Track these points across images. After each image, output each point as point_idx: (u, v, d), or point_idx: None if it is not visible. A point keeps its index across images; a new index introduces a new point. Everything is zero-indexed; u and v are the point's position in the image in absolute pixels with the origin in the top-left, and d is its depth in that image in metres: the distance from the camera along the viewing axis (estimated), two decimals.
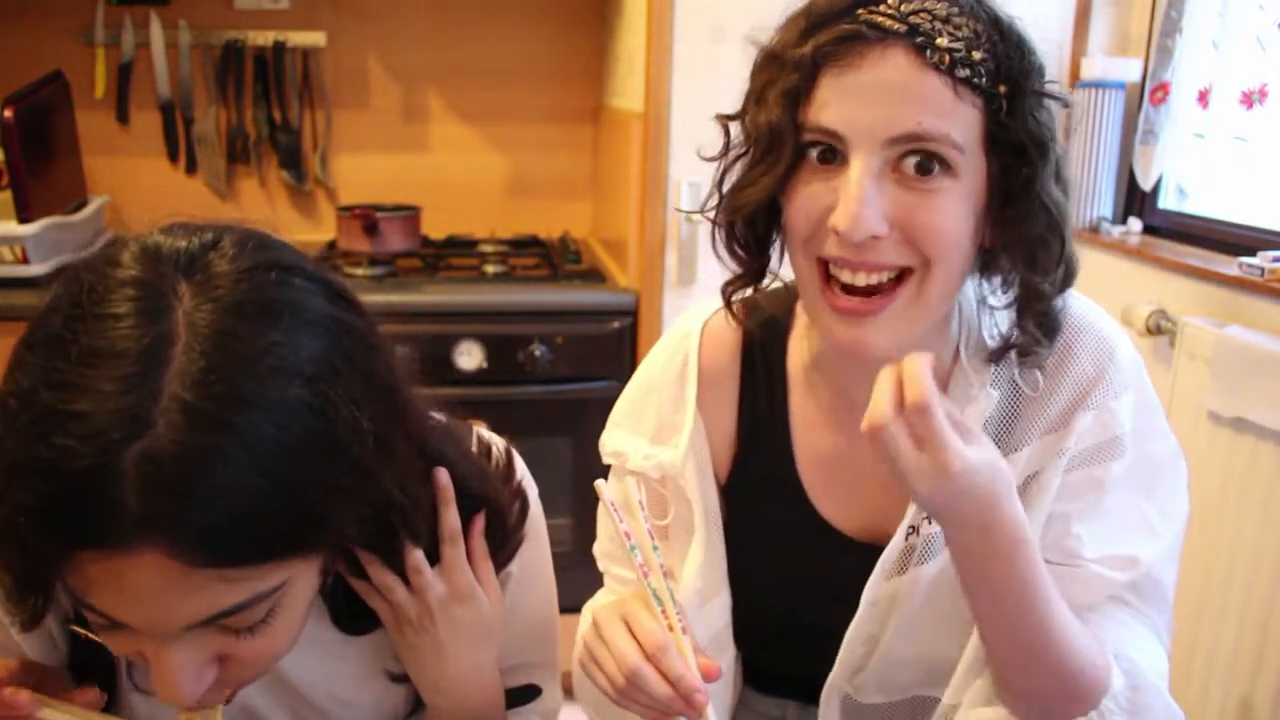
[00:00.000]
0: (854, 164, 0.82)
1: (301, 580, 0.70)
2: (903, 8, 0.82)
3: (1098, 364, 0.92)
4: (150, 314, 0.61)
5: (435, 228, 2.81)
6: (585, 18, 2.85)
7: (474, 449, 0.93)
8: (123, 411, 0.58)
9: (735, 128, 0.93)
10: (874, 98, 0.81)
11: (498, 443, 0.96)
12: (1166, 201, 2.37)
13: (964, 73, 0.81)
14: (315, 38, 2.75)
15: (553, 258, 2.65)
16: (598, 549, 1.10)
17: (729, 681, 1.03)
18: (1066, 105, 0.86)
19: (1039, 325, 0.89)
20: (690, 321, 1.04)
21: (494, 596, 0.89)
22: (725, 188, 0.94)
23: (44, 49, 2.62)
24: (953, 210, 0.83)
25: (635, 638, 0.83)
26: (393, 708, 0.95)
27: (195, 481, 0.59)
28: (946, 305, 0.90)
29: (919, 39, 0.81)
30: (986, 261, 0.90)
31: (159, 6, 2.67)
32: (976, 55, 0.81)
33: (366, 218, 2.54)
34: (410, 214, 2.64)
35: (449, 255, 2.69)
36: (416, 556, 0.83)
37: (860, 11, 0.83)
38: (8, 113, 2.21)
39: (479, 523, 0.88)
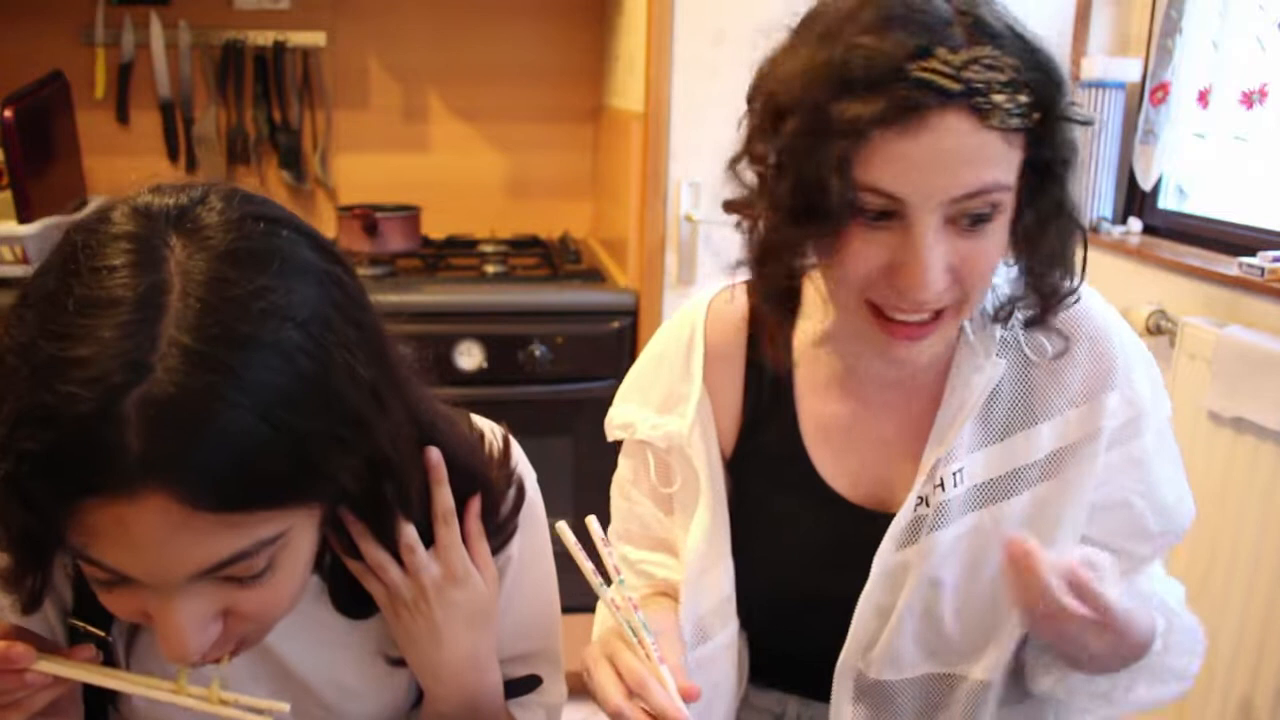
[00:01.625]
0: (917, 226, 0.82)
1: (302, 532, 0.71)
2: (954, 60, 0.79)
3: (1109, 344, 0.97)
4: (144, 265, 0.62)
5: (435, 228, 2.81)
6: (585, 18, 2.85)
7: (468, 433, 0.93)
8: (122, 357, 0.59)
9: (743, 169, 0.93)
10: (936, 163, 0.80)
11: (494, 429, 0.96)
12: (1166, 201, 2.37)
13: (1014, 122, 0.81)
14: (315, 38, 2.75)
15: (553, 258, 2.65)
16: (610, 531, 1.12)
17: (734, 660, 1.03)
18: (1089, 124, 0.89)
19: (1048, 298, 0.93)
20: (697, 300, 1.07)
21: (490, 580, 0.89)
22: (755, 240, 0.92)
23: (44, 49, 2.62)
24: (998, 244, 0.87)
25: (619, 675, 0.86)
26: (394, 698, 0.94)
27: (196, 423, 0.60)
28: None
29: (976, 99, 0.79)
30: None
31: (159, 6, 2.67)
32: (1022, 98, 0.81)
33: (366, 218, 2.54)
34: (410, 214, 2.64)
35: (449, 255, 2.70)
36: (409, 534, 0.83)
37: (912, 68, 0.79)
38: (8, 113, 2.21)
39: (475, 504, 0.88)
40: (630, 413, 1.07)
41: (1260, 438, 1.85)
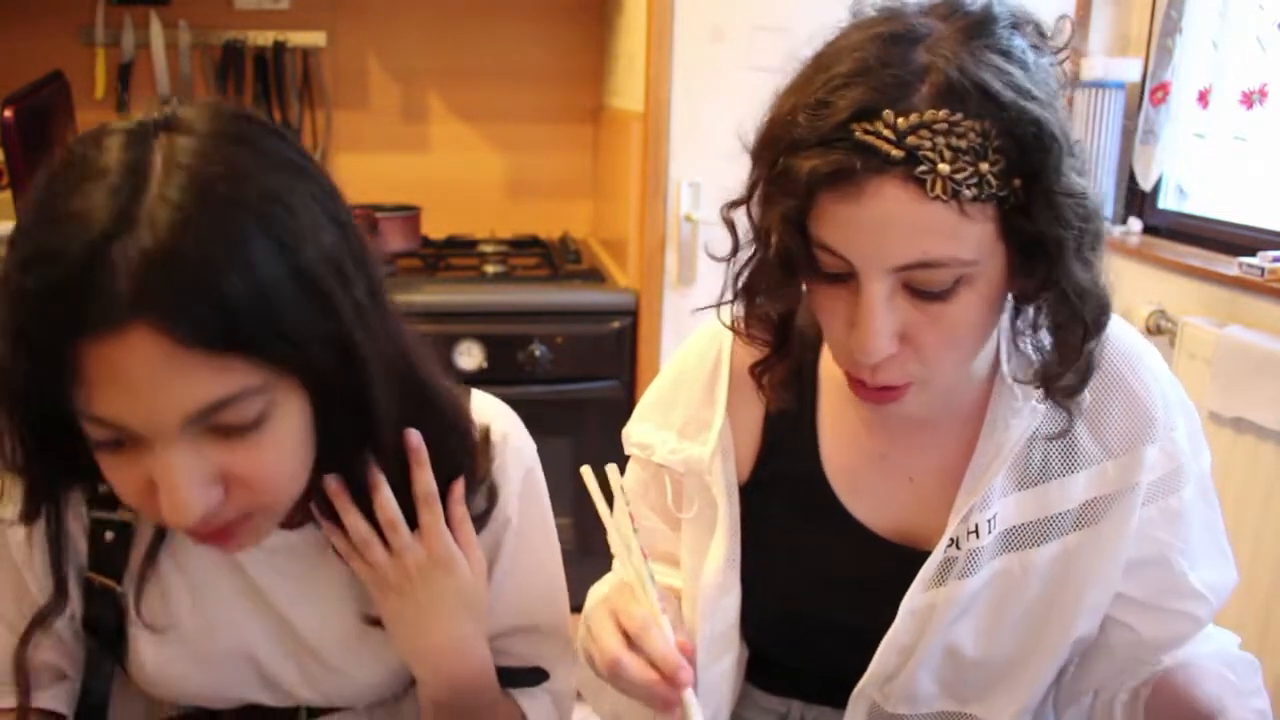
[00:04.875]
0: (865, 289, 0.79)
1: (287, 405, 0.75)
2: (900, 124, 0.74)
3: (1148, 394, 0.93)
4: (135, 147, 0.71)
5: (435, 228, 2.81)
6: (585, 18, 2.85)
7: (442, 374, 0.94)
8: (112, 210, 0.67)
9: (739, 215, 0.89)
10: (874, 231, 0.76)
11: (487, 411, 0.96)
12: (1166, 201, 2.37)
13: (970, 193, 0.75)
14: (315, 38, 2.75)
15: (553, 258, 2.65)
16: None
17: (730, 680, 1.03)
18: (1084, 195, 0.79)
19: (1076, 372, 0.87)
20: (725, 317, 1.02)
21: (477, 565, 0.89)
22: (740, 283, 0.90)
23: (44, 49, 2.62)
24: (968, 315, 0.81)
25: (621, 626, 0.84)
26: (399, 664, 0.94)
27: (178, 265, 0.67)
28: (966, 371, 0.90)
29: (919, 169, 0.74)
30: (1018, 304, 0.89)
31: (159, 6, 2.68)
32: (984, 167, 0.75)
33: (366, 218, 2.54)
34: (410, 214, 2.64)
35: (449, 255, 2.70)
36: (389, 507, 0.83)
37: (855, 129, 0.75)
38: (8, 113, 2.21)
39: (458, 488, 0.88)
40: (649, 433, 1.04)
41: (1260, 438, 1.85)
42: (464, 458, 0.90)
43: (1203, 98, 2.19)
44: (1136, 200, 2.39)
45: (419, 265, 2.59)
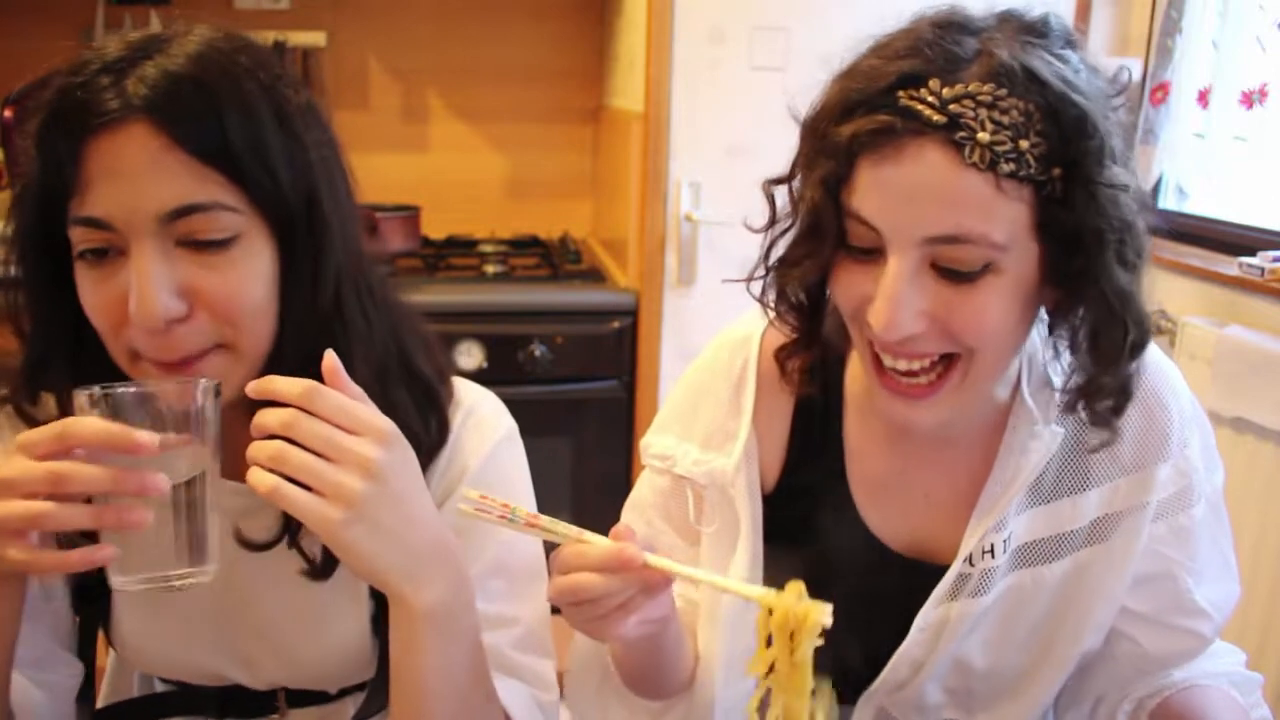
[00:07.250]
0: (891, 262, 0.79)
1: (256, 242, 0.82)
2: (945, 93, 0.76)
3: (1165, 411, 0.92)
4: (144, 37, 0.85)
5: (435, 228, 2.81)
6: (585, 18, 2.85)
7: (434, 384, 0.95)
8: (125, 51, 0.82)
9: (780, 192, 0.89)
10: (910, 196, 0.77)
11: (460, 392, 0.97)
12: (1166, 201, 2.37)
13: (1008, 168, 0.75)
14: (315, 38, 2.75)
15: (553, 258, 2.65)
16: (631, 500, 1.06)
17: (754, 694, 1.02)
18: (1125, 189, 0.78)
19: (1111, 396, 0.86)
20: (750, 325, 1.01)
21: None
22: (773, 257, 0.90)
23: (44, 49, 2.61)
24: (995, 304, 0.80)
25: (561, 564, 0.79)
26: (356, 632, 0.93)
27: (185, 82, 0.80)
28: (1000, 377, 0.88)
29: (959, 134, 0.75)
30: (1054, 317, 0.87)
31: (159, 6, 2.67)
32: (1024, 144, 0.75)
33: (366, 218, 2.53)
34: (410, 214, 2.64)
35: (449, 255, 2.70)
36: (350, 387, 0.77)
37: (901, 95, 0.77)
38: (8, 113, 2.21)
39: (330, 358, 0.77)
40: (670, 445, 1.02)
41: (1260, 438, 1.85)
42: (426, 381, 0.93)
43: (1203, 98, 2.19)
44: None
45: (419, 265, 2.59)
